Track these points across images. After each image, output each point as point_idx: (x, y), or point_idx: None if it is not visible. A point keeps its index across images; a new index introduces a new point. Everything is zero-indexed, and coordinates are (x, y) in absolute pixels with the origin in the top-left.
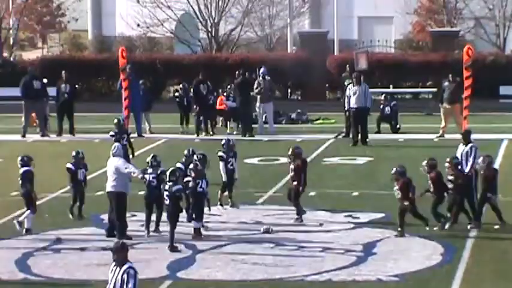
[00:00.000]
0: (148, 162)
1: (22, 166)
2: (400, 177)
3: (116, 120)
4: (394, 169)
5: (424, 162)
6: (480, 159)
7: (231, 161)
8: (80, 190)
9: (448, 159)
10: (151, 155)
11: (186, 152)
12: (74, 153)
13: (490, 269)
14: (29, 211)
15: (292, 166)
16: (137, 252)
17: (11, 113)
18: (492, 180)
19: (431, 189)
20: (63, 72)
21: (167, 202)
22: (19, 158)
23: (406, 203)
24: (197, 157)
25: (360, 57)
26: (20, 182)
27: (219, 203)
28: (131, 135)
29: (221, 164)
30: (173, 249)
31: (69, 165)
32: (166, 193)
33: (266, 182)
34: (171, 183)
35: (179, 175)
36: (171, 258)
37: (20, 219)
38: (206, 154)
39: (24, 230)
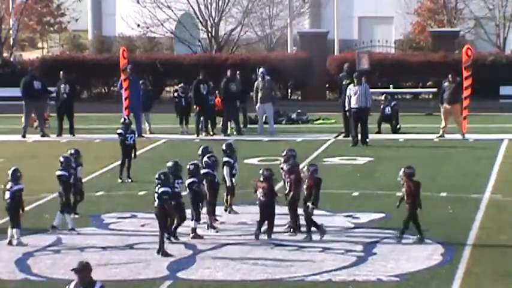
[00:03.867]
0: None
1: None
2: (289, 173)
3: (122, 119)
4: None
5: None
6: (304, 168)
7: (235, 166)
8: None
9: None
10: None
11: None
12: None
13: (490, 269)
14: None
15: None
16: (137, 252)
17: (11, 113)
18: (314, 190)
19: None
20: (61, 72)
21: (155, 204)
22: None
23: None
24: (209, 158)
25: (362, 57)
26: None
27: (227, 207)
28: None
29: (226, 169)
30: (164, 253)
31: (60, 172)
32: (155, 195)
33: None
34: (158, 185)
35: (165, 178)
36: (171, 258)
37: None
38: (216, 156)
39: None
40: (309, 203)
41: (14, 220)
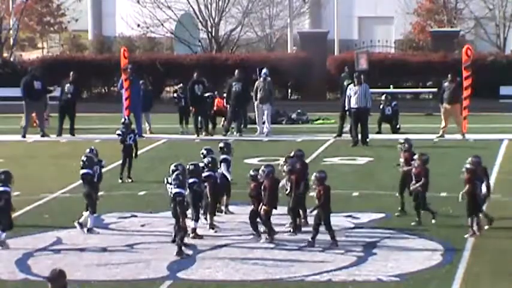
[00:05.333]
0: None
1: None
2: (289, 173)
3: (123, 120)
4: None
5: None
6: (260, 170)
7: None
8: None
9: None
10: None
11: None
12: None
13: (490, 269)
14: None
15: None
16: (137, 252)
17: (11, 113)
18: (269, 191)
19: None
20: (71, 73)
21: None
22: None
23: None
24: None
25: (361, 57)
26: None
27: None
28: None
29: (225, 166)
30: (180, 253)
31: (84, 171)
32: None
33: None
34: (173, 186)
35: (182, 179)
36: (171, 258)
37: (81, 220)
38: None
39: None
40: (266, 205)
41: None
